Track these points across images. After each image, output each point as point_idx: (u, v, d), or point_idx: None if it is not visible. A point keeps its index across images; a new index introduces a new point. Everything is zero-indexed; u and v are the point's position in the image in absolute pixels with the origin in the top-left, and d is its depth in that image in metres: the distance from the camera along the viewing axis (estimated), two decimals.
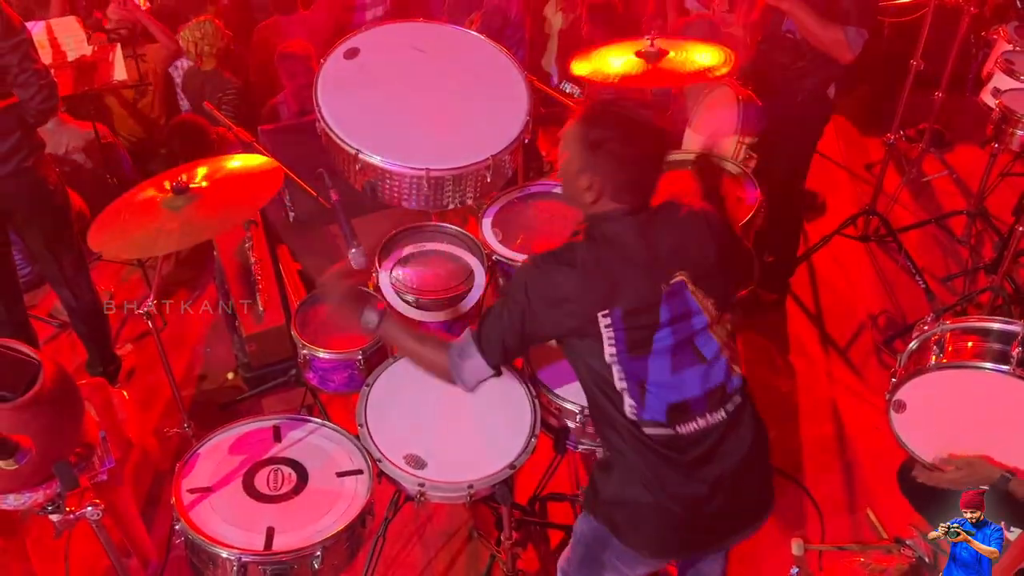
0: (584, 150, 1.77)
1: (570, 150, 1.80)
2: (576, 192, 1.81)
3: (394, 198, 2.51)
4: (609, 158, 1.75)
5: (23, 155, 2.91)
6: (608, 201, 1.78)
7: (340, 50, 2.61)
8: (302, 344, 2.36)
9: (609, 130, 1.75)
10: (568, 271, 1.76)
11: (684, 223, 1.84)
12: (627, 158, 1.76)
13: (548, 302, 1.76)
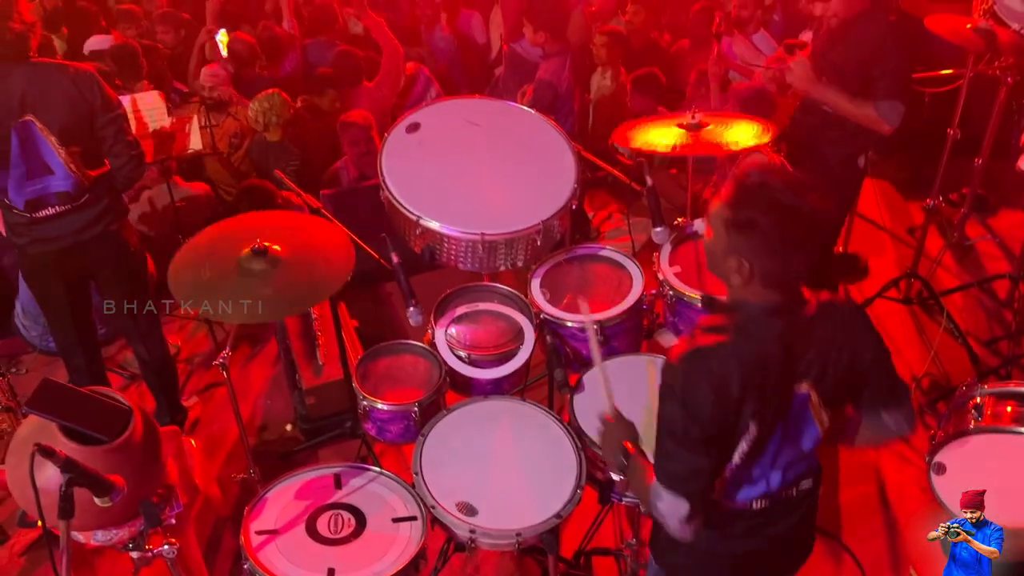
0: (730, 232, 1.66)
1: (715, 230, 1.71)
2: (724, 272, 1.72)
3: (451, 260, 2.69)
4: (758, 242, 1.64)
5: (109, 219, 3.16)
6: (759, 287, 1.68)
7: (403, 124, 2.83)
8: (362, 396, 2.51)
9: (758, 212, 1.63)
10: (721, 353, 1.66)
11: (839, 327, 1.76)
12: (777, 244, 1.63)
13: (703, 402, 1.65)
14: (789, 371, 1.73)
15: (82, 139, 2.99)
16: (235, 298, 2.28)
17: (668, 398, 1.70)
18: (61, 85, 2.91)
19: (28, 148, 2.90)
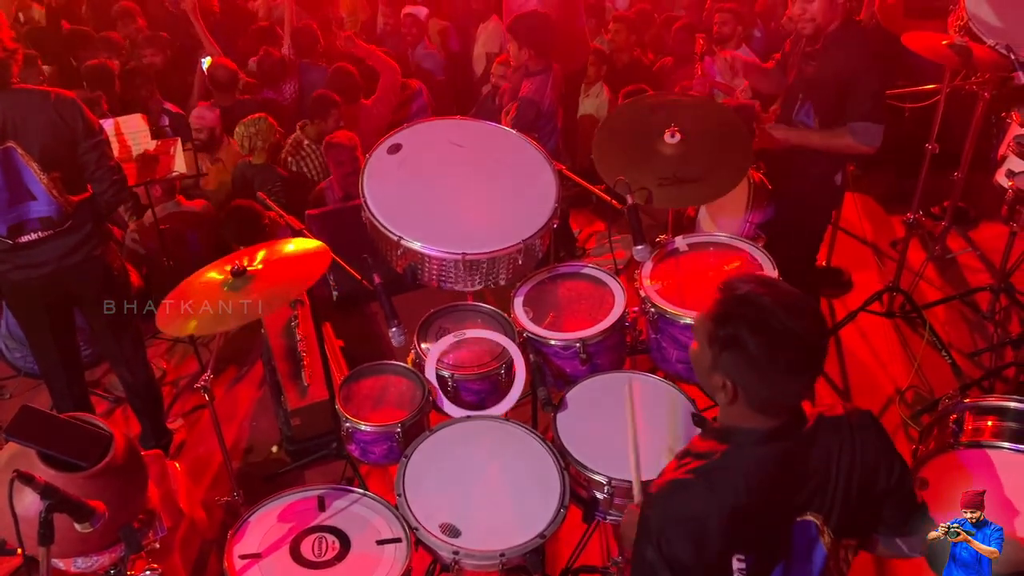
0: (714, 348, 1.51)
1: (700, 343, 1.56)
2: (710, 388, 1.58)
3: (433, 280, 2.71)
4: (743, 363, 1.49)
5: (93, 244, 3.16)
6: (747, 410, 1.54)
7: (384, 146, 2.85)
8: (345, 417, 2.51)
9: (744, 330, 1.46)
10: (701, 492, 1.53)
11: (847, 448, 1.60)
12: (766, 367, 1.47)
13: (679, 553, 1.52)
14: (787, 505, 1.59)
15: (64, 165, 3.00)
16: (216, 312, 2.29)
17: (643, 536, 1.57)
18: (43, 111, 2.92)
19: (10, 174, 2.91)
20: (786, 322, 1.46)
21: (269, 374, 3.92)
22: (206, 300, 2.36)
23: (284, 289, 2.41)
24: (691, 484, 1.55)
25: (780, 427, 1.56)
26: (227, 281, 2.40)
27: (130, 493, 1.99)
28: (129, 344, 3.41)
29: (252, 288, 2.37)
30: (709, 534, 1.52)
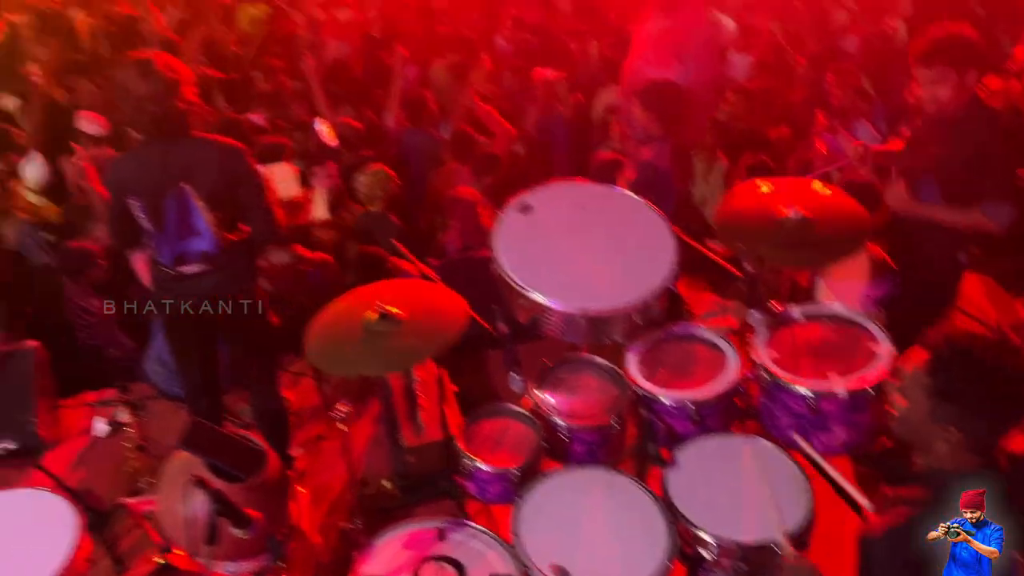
0: (933, 400, 1.64)
1: (913, 398, 1.69)
2: (925, 439, 1.69)
3: (554, 331, 2.86)
4: (965, 409, 1.62)
5: (243, 279, 3.47)
6: (963, 453, 1.65)
7: (516, 204, 3.05)
8: (466, 456, 2.67)
9: (962, 380, 1.60)
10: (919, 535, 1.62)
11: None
12: (985, 409, 1.61)
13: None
14: None
15: (226, 206, 3.32)
16: (362, 356, 2.50)
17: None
18: (214, 158, 3.25)
19: (181, 212, 3.24)
20: (998, 363, 1.59)
21: (386, 411, 4.13)
22: (354, 341, 2.58)
23: (429, 341, 2.59)
24: (913, 524, 1.64)
25: (982, 465, 1.66)
26: (373, 323, 2.61)
27: (277, 507, 2.20)
28: (266, 374, 3.69)
29: (398, 335, 2.57)
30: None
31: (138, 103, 3.09)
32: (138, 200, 3.18)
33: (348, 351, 2.59)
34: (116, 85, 3.16)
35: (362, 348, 2.57)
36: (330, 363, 2.62)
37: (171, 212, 3.21)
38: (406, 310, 2.66)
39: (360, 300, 2.74)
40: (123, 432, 4.23)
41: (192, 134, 3.28)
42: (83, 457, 4.19)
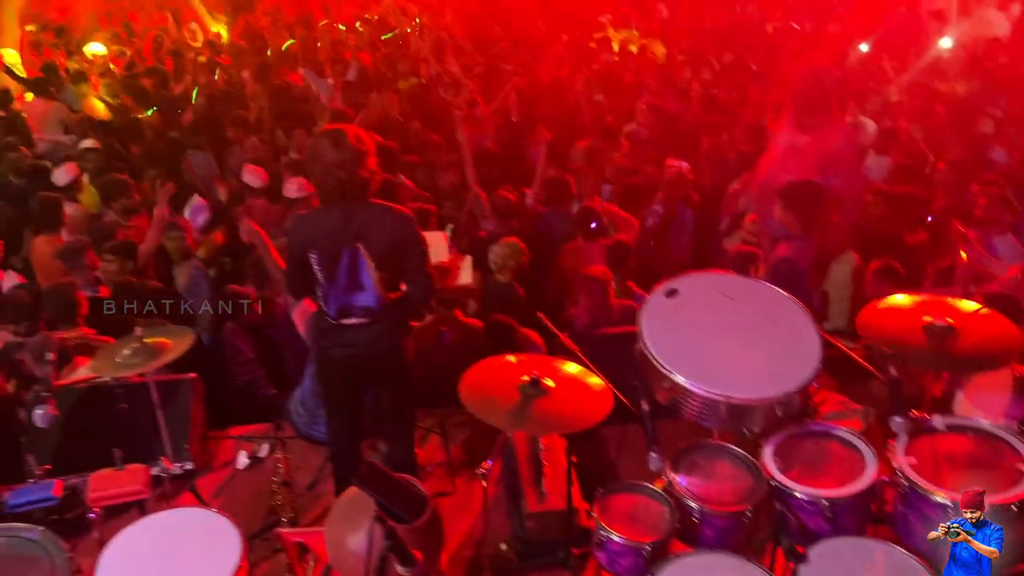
0: None
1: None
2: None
3: (692, 415, 2.96)
4: None
5: (397, 335, 3.72)
6: None
7: (663, 289, 3.20)
8: (602, 526, 2.77)
9: None
10: None
11: None
12: None
13: None
14: None
15: (391, 267, 3.60)
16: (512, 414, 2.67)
17: None
18: (387, 223, 3.54)
19: (352, 268, 3.54)
20: None
21: (508, 474, 4.27)
22: (502, 399, 2.76)
23: (573, 417, 2.75)
24: None
25: None
26: (522, 387, 2.79)
27: (433, 550, 2.36)
28: (404, 425, 3.91)
29: (543, 403, 2.74)
30: None
31: (328, 168, 3.43)
32: (316, 254, 3.50)
33: (498, 407, 2.77)
34: (310, 150, 3.53)
35: (511, 407, 2.74)
36: (482, 412, 2.79)
37: (343, 268, 3.51)
38: (556, 381, 2.83)
39: (516, 363, 2.92)
40: (262, 466, 4.54)
41: (371, 200, 3.60)
42: (224, 486, 4.49)
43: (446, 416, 4.80)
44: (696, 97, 8.41)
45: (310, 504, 4.28)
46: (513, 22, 11.46)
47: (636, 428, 3.48)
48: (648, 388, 3.07)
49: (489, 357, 4.07)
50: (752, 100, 8.25)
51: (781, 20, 10.74)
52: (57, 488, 2.86)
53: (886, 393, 3.16)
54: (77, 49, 10.83)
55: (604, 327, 5.08)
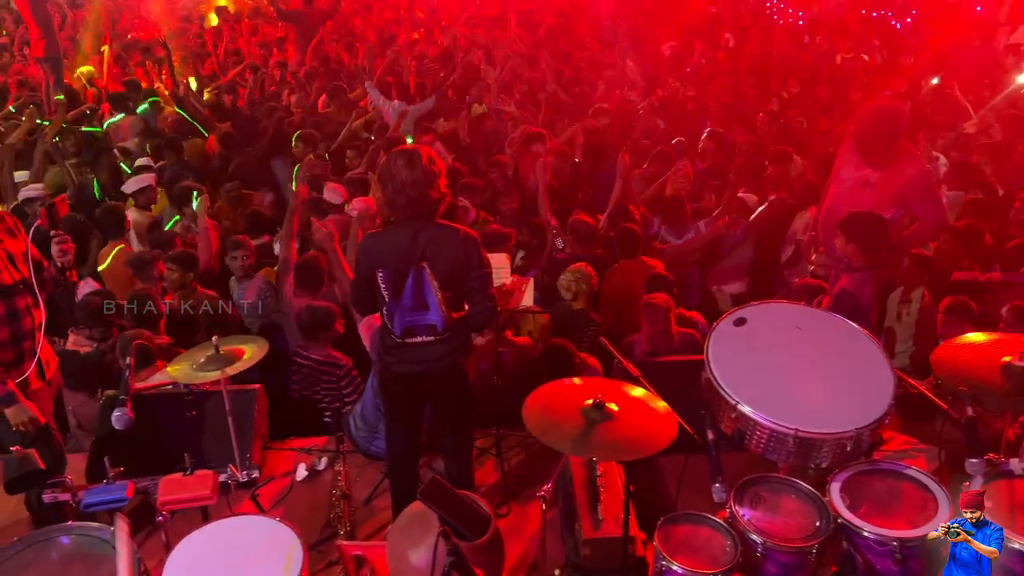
0: None
1: None
2: None
3: (758, 447, 2.92)
4: None
5: (458, 354, 3.75)
6: None
7: (731, 318, 3.18)
8: (662, 555, 2.74)
9: None
10: None
11: None
12: None
13: None
14: None
15: (455, 287, 3.64)
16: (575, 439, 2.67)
17: None
18: (452, 243, 3.59)
19: (417, 287, 3.58)
20: None
21: (564, 499, 4.24)
22: (565, 423, 2.76)
23: (637, 443, 2.73)
24: None
25: None
26: (585, 410, 2.78)
27: (494, 569, 2.35)
28: (463, 443, 3.93)
29: (607, 428, 2.72)
30: None
31: (400, 187, 3.49)
32: (383, 272, 3.56)
33: (561, 430, 2.76)
34: (382, 169, 3.60)
35: (574, 431, 2.73)
36: (545, 435, 2.79)
37: (409, 287, 3.56)
38: (621, 404, 2.82)
39: (579, 385, 2.92)
40: (320, 479, 4.60)
41: (437, 220, 3.65)
42: (282, 497, 4.55)
43: (501, 437, 4.80)
44: (762, 127, 8.34)
45: (366, 518, 4.31)
46: (579, 50, 11.55)
47: (697, 459, 3.43)
48: (714, 418, 3.04)
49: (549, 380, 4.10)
50: (820, 131, 8.15)
51: (851, 51, 10.59)
52: (130, 490, 2.94)
53: (957, 434, 3.07)
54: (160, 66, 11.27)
55: (664, 355, 5.04)
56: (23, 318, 3.64)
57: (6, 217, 3.82)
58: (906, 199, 4.67)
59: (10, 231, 3.75)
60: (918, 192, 4.67)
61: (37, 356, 3.71)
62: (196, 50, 12.10)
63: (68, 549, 2.90)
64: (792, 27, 13.46)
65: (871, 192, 4.75)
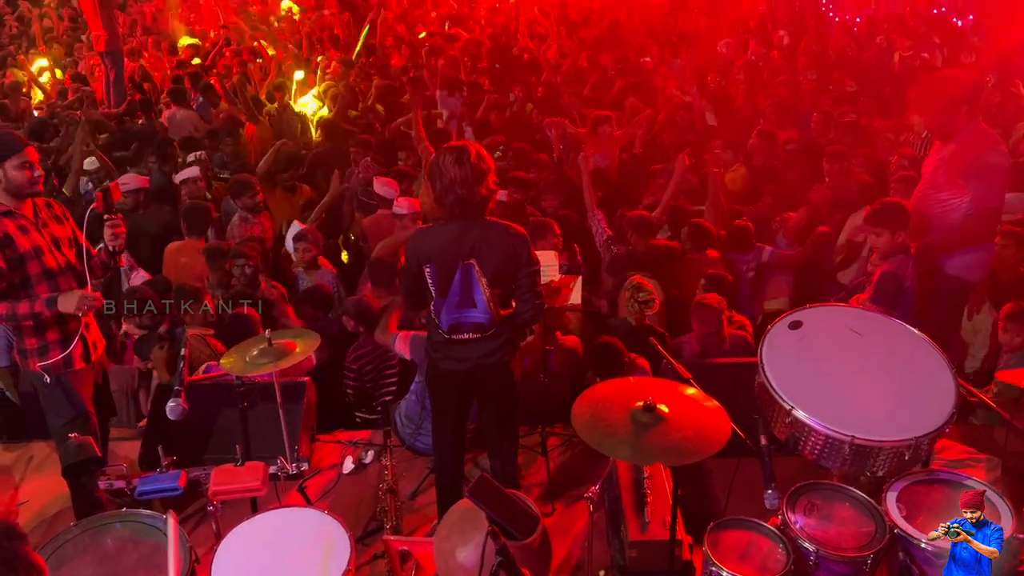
0: None
1: None
2: None
3: (812, 454, 2.84)
4: None
5: (505, 351, 3.74)
6: None
7: (786, 320, 3.10)
8: (712, 560, 2.69)
9: None
10: None
11: None
12: None
13: None
14: None
15: (503, 284, 3.62)
16: (625, 442, 2.63)
17: None
18: (501, 241, 3.57)
19: (465, 284, 3.58)
20: None
21: (610, 501, 4.20)
22: (615, 425, 2.72)
23: (691, 445, 2.68)
24: None
25: None
26: (636, 412, 2.75)
27: (541, 569, 2.33)
28: (508, 440, 3.91)
29: (659, 431, 2.68)
30: None
31: (449, 184, 3.49)
32: (431, 268, 3.56)
33: (610, 433, 2.73)
34: (432, 166, 3.60)
35: (623, 434, 2.69)
36: (593, 438, 2.76)
37: (457, 283, 3.56)
38: (672, 408, 2.77)
39: (629, 388, 2.88)
40: (366, 472, 4.63)
41: (487, 218, 3.64)
42: (328, 489, 4.59)
43: (546, 436, 4.78)
44: (816, 126, 8.16)
45: (411, 513, 4.33)
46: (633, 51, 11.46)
47: (747, 464, 3.37)
48: (767, 423, 2.97)
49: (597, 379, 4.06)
50: (875, 130, 7.95)
51: (910, 50, 10.31)
52: (183, 479, 2.99)
53: (1019, 444, 2.97)
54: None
55: (714, 357, 4.96)
56: None
57: (54, 204, 3.95)
58: (973, 174, 4.52)
59: (57, 217, 3.88)
60: (982, 169, 4.53)
61: (82, 336, 3.82)
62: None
63: (122, 535, 2.96)
64: (850, 24, 13.18)
65: (944, 170, 4.62)
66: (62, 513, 4.24)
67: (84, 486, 3.84)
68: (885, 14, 12.88)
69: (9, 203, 3.68)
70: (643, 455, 2.65)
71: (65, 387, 3.76)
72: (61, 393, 3.76)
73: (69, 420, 3.71)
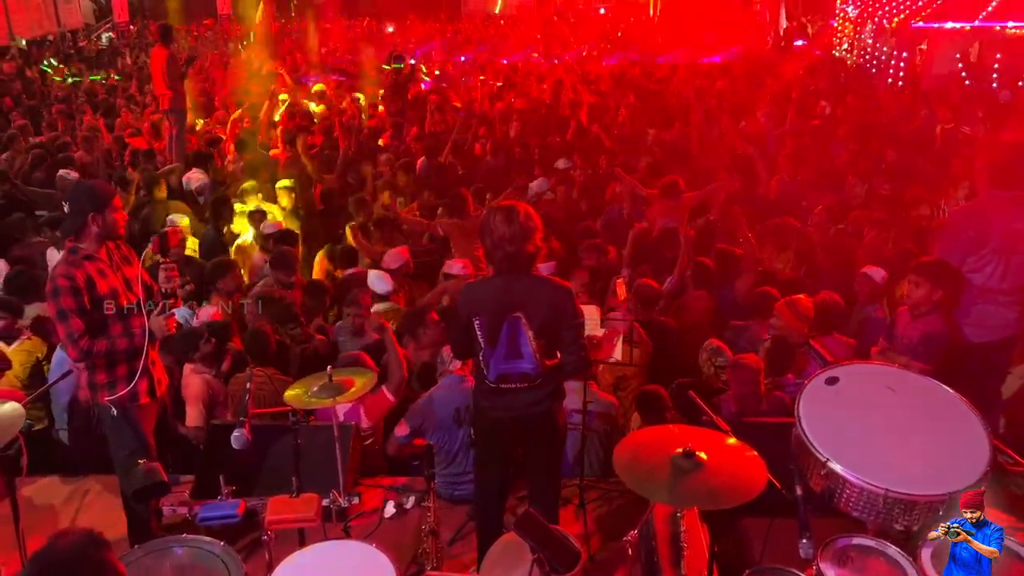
0: None
1: None
2: None
3: (847, 506, 2.91)
4: None
5: (550, 401, 3.87)
6: None
7: (823, 376, 3.21)
8: None
9: None
10: None
11: None
12: None
13: None
14: None
15: (548, 336, 3.77)
16: (665, 486, 2.74)
17: None
18: (547, 295, 3.74)
19: (512, 336, 3.73)
20: None
21: (646, 553, 4.25)
22: (655, 470, 2.84)
23: (727, 491, 2.78)
24: None
25: None
26: (676, 457, 2.86)
27: None
28: (551, 488, 4.02)
29: (698, 477, 2.79)
30: None
31: (498, 241, 3.69)
32: (480, 319, 3.74)
33: (650, 477, 2.84)
34: (483, 224, 3.81)
35: (663, 479, 2.80)
36: (633, 481, 2.86)
37: (504, 335, 3.72)
38: (711, 456, 2.88)
39: (671, 435, 3.00)
40: (407, 517, 4.75)
41: (533, 272, 3.82)
42: (370, 531, 4.71)
43: (586, 487, 4.87)
44: (850, 190, 8.30)
45: (450, 559, 4.42)
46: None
47: (782, 522, 3.43)
48: (803, 475, 3.05)
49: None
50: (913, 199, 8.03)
51: (951, 122, 10.43)
52: (241, 507, 3.15)
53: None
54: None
55: (751, 416, 5.03)
56: (137, 337, 3.99)
57: (123, 246, 4.23)
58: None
59: (126, 259, 4.17)
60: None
61: (148, 372, 4.07)
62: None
63: (181, 560, 3.11)
64: (895, 91, 13.36)
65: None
66: (117, 543, 4.40)
67: (140, 516, 4.03)
68: (928, 87, 13.04)
69: (90, 248, 3.97)
70: (680, 499, 2.74)
71: (131, 420, 3.99)
72: (127, 425, 3.99)
73: (133, 451, 3.92)
